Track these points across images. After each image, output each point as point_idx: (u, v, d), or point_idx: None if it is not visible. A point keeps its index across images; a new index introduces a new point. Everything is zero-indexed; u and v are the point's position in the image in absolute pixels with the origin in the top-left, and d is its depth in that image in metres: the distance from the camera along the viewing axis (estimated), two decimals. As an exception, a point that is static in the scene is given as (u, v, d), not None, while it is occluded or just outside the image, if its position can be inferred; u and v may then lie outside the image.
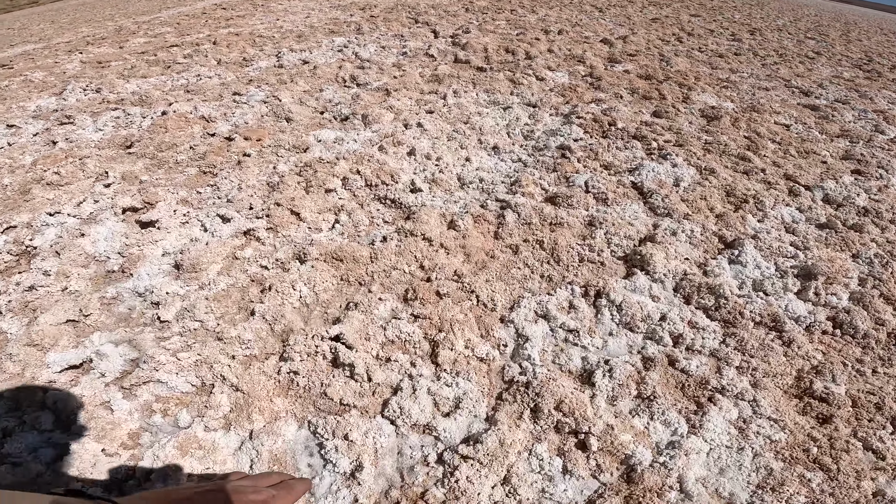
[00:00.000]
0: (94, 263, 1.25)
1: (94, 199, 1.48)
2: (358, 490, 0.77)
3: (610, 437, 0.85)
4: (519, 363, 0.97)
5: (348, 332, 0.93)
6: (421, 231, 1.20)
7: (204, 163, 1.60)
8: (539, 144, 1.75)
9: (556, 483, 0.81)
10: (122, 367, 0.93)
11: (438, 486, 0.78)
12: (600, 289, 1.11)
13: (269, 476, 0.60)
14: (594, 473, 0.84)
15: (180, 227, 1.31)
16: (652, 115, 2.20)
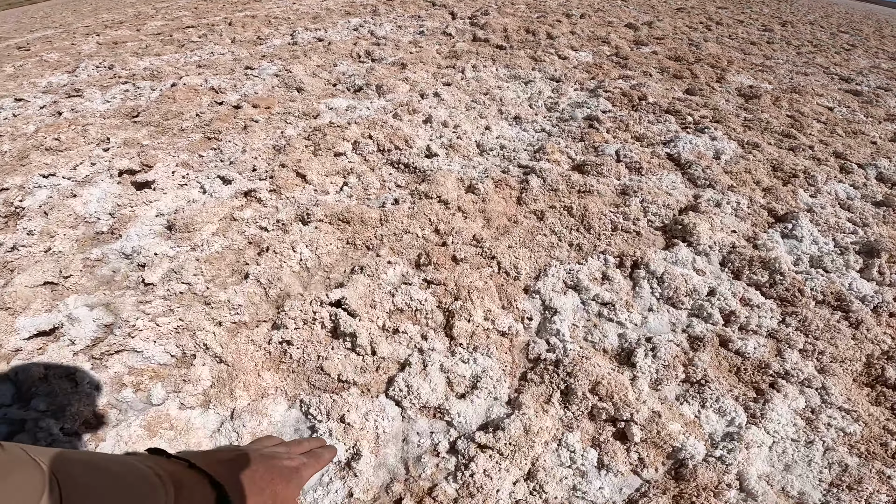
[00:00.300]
0: (84, 224, 1.16)
1: (91, 163, 1.41)
2: (354, 482, 0.66)
3: (656, 426, 0.72)
4: (546, 339, 0.84)
5: (351, 298, 0.81)
6: (437, 193, 1.09)
7: (209, 129, 1.51)
8: (564, 116, 1.62)
9: (589, 479, 0.68)
10: (95, 334, 0.83)
11: (450, 480, 0.66)
12: (637, 259, 0.98)
13: (301, 443, 0.58)
14: (636, 468, 0.71)
15: (178, 189, 1.22)
16: (685, 93, 2.06)
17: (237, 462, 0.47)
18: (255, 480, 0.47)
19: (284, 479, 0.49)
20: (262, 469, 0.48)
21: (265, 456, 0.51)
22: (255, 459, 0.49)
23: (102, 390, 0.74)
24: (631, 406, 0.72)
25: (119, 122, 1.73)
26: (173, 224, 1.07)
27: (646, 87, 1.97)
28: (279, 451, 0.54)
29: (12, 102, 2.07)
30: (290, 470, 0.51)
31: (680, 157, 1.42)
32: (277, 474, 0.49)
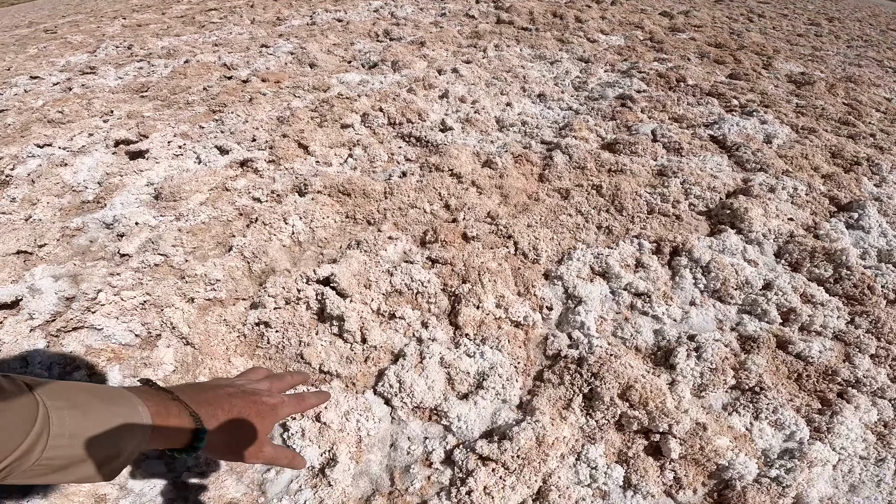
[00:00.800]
0: (70, 193, 1.09)
1: (88, 133, 1.34)
2: (326, 493, 0.55)
3: (699, 440, 0.59)
4: (568, 332, 0.71)
5: (342, 275, 0.70)
6: (449, 166, 0.97)
7: (215, 102, 1.43)
8: (593, 95, 1.48)
9: (612, 501, 0.56)
10: (55, 308, 0.74)
11: (442, 497, 0.55)
12: (678, 245, 0.84)
13: (284, 378, 0.58)
14: (670, 490, 0.58)
15: (172, 159, 1.13)
16: (728, 77, 1.89)
17: (218, 396, 0.49)
18: (232, 414, 0.48)
19: (260, 415, 0.50)
20: (240, 404, 0.49)
21: (246, 392, 0.52)
22: (235, 395, 0.50)
23: (54, 372, 0.65)
24: (669, 416, 0.59)
25: (126, 97, 1.67)
26: (160, 193, 0.99)
27: (684, 69, 1.81)
28: (260, 388, 0.54)
29: (27, 80, 2.05)
30: (268, 407, 0.52)
31: (725, 140, 1.26)
32: (255, 411, 0.50)
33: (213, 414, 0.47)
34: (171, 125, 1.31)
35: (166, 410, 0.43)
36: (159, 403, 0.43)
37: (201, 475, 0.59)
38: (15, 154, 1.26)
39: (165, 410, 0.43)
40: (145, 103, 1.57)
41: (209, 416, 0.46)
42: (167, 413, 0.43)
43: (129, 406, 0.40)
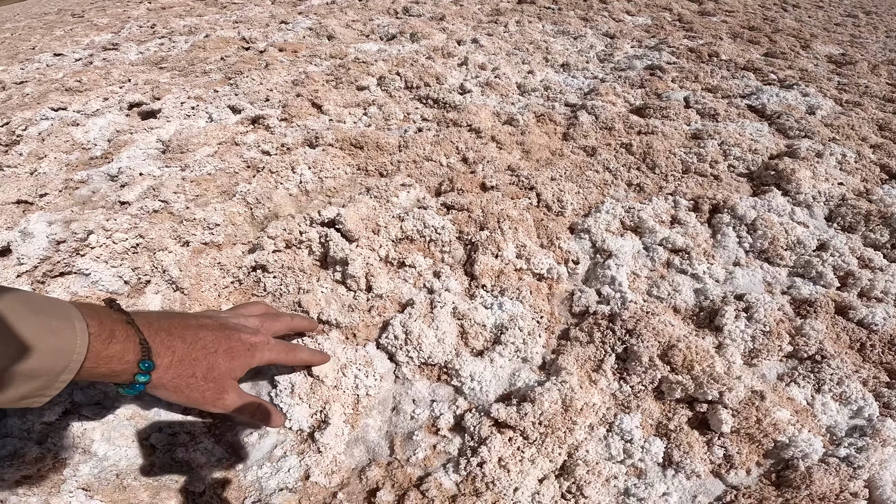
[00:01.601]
0: (79, 151, 1.07)
1: (104, 98, 1.33)
2: (314, 461, 0.49)
3: (756, 411, 0.51)
4: (597, 289, 0.64)
5: (349, 218, 0.65)
6: (467, 122, 0.91)
7: (231, 70, 1.41)
8: (620, 66, 1.41)
9: (650, 481, 0.48)
10: (45, 253, 0.71)
11: (449, 469, 0.48)
12: (718, 203, 0.77)
13: (280, 319, 0.52)
14: (719, 469, 0.50)
15: (184, 119, 1.10)
16: (764, 55, 1.79)
17: (184, 325, 0.42)
18: (195, 348, 0.41)
19: (229, 353, 0.43)
20: (209, 337, 0.42)
21: (224, 325, 0.45)
22: (207, 326, 0.43)
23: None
24: (719, 381, 0.51)
25: (145, 69, 1.67)
26: (168, 146, 0.95)
27: (717, 46, 1.72)
28: (245, 324, 0.47)
29: (50, 57, 2.07)
30: (244, 345, 0.44)
31: (765, 109, 1.18)
32: (225, 347, 0.42)
33: (169, 345, 0.39)
34: (185, 89, 1.29)
35: (110, 333, 0.35)
36: (104, 324, 0.35)
37: (172, 435, 0.52)
38: (29, 117, 1.25)
39: (109, 333, 0.35)
40: (163, 73, 1.56)
41: (163, 348, 0.39)
42: (110, 336, 0.35)
43: (63, 320, 0.32)
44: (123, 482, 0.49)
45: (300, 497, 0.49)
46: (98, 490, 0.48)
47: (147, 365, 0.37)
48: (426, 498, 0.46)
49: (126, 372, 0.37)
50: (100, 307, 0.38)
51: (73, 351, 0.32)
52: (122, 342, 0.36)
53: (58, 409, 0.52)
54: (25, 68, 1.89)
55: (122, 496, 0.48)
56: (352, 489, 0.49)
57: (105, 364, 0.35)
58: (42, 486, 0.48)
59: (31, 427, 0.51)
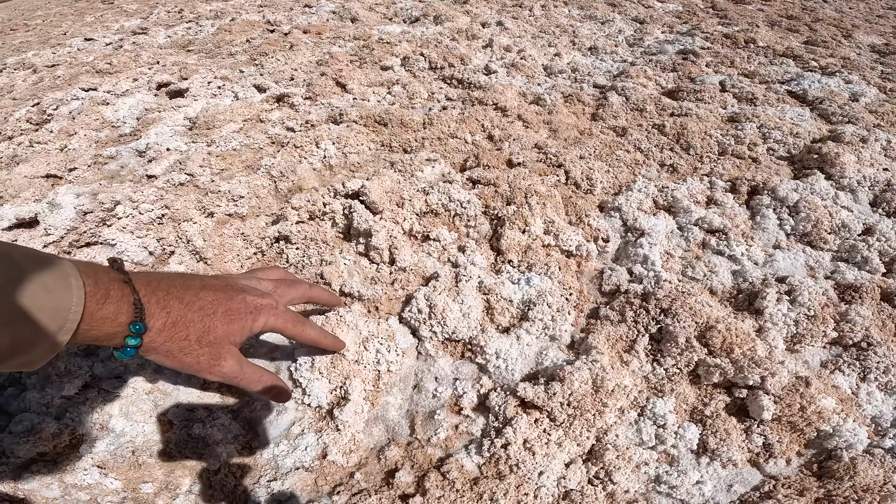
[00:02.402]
0: (109, 128, 1.08)
1: (133, 79, 1.35)
2: (332, 439, 0.48)
3: (799, 398, 0.49)
4: (628, 267, 0.62)
5: (373, 190, 0.64)
6: (493, 100, 0.89)
7: (256, 51, 1.41)
8: (651, 50, 1.36)
9: (683, 468, 0.46)
10: (71, 223, 0.71)
11: (471, 451, 0.47)
12: (758, 184, 0.73)
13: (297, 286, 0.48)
14: (757, 458, 0.48)
15: (210, 98, 1.11)
16: (804, 44, 1.71)
17: (184, 286, 0.39)
18: (191, 309, 0.38)
19: (228, 315, 0.39)
20: (209, 298, 0.39)
21: (231, 287, 0.42)
22: (211, 287, 0.40)
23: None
24: (761, 366, 0.49)
25: (173, 51, 1.69)
26: (195, 122, 0.96)
27: (753, 32, 1.65)
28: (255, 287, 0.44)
29: (81, 41, 2.12)
30: (247, 308, 0.41)
31: (806, 95, 1.12)
32: (224, 308, 0.39)
33: (165, 305, 0.37)
34: (212, 70, 1.30)
35: (105, 293, 0.33)
36: (100, 283, 0.33)
37: (190, 410, 0.52)
38: (60, 98, 1.28)
39: (104, 293, 0.33)
40: (190, 56, 1.58)
41: (158, 308, 0.36)
42: (105, 296, 0.33)
43: (58, 277, 0.30)
44: (139, 459, 0.48)
45: (316, 476, 0.48)
46: (113, 467, 0.47)
47: (138, 327, 0.35)
48: (447, 479, 0.44)
49: (118, 335, 0.34)
50: (98, 266, 0.36)
51: (68, 310, 0.30)
52: (116, 303, 0.34)
53: (77, 383, 0.52)
54: (57, 52, 1.94)
55: (136, 474, 0.47)
56: (370, 469, 0.48)
57: (98, 326, 0.33)
58: (57, 463, 0.47)
59: (50, 401, 0.51)
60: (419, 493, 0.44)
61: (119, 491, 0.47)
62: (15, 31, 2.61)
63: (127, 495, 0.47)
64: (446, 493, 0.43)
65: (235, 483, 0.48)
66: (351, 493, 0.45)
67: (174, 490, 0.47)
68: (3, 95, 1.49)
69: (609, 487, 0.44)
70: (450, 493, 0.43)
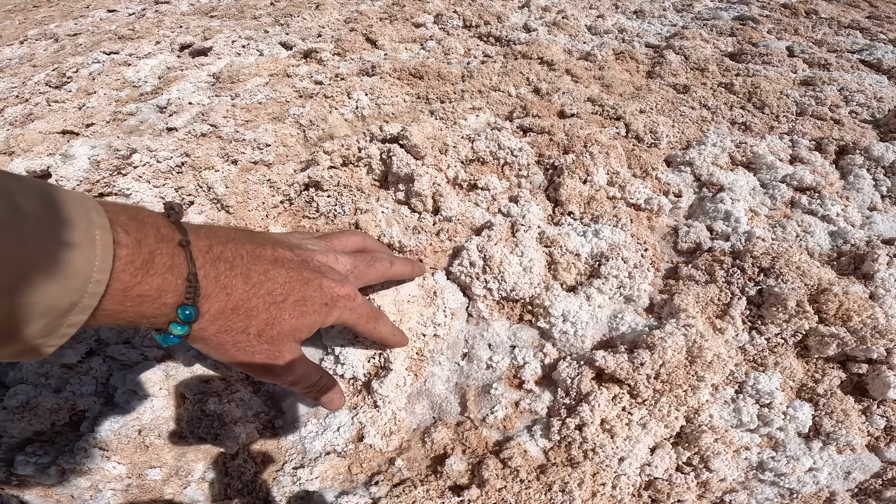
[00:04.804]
0: (129, 88, 1.04)
1: (155, 42, 1.30)
2: (369, 418, 0.41)
3: None
4: (707, 224, 0.54)
5: (415, 134, 0.57)
6: (538, 54, 0.81)
7: (281, 13, 1.36)
8: (703, 16, 1.26)
9: (792, 453, 0.38)
10: (85, 174, 0.66)
11: (536, 433, 0.39)
12: (847, 144, 0.64)
13: (377, 264, 0.40)
14: (877, 443, 0.40)
15: (234, 56, 1.05)
16: (867, 18, 1.58)
17: (255, 257, 0.31)
18: (257, 293, 0.30)
19: (301, 306, 0.31)
20: (281, 279, 0.31)
21: (307, 264, 0.33)
22: (286, 262, 0.32)
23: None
24: (885, 336, 0.40)
25: (196, 17, 1.64)
26: (218, 77, 0.90)
27: (815, 4, 1.53)
28: (335, 267, 0.36)
29: (104, 12, 2.09)
30: (323, 299, 0.33)
31: (881, 64, 1.01)
32: (297, 297, 0.31)
33: (226, 285, 0.28)
34: (236, 31, 1.25)
35: (148, 259, 0.24)
36: (144, 243, 0.24)
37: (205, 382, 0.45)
38: (80, 62, 1.24)
39: (147, 259, 0.24)
40: (213, 20, 1.53)
41: (217, 288, 0.28)
42: (147, 264, 0.24)
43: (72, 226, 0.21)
44: (146, 440, 0.42)
45: (350, 463, 0.41)
46: (116, 449, 0.41)
47: (188, 313, 0.27)
48: (508, 468, 0.37)
49: (159, 318, 0.26)
50: (145, 213, 0.26)
51: (87, 278, 0.21)
52: (163, 274, 0.25)
53: (81, 349, 0.46)
54: (79, 23, 1.91)
55: (143, 457, 0.41)
56: (413, 455, 0.40)
57: (134, 306, 0.24)
58: (56, 443, 0.41)
59: (49, 371, 0.45)
60: (474, 483, 0.37)
61: (123, 477, 0.41)
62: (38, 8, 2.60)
63: (132, 482, 0.41)
64: (508, 484, 0.36)
65: (256, 470, 0.41)
66: (392, 484, 0.38)
67: (185, 477, 0.41)
68: (23, 63, 1.46)
69: (703, 476, 0.36)
70: (512, 483, 0.36)
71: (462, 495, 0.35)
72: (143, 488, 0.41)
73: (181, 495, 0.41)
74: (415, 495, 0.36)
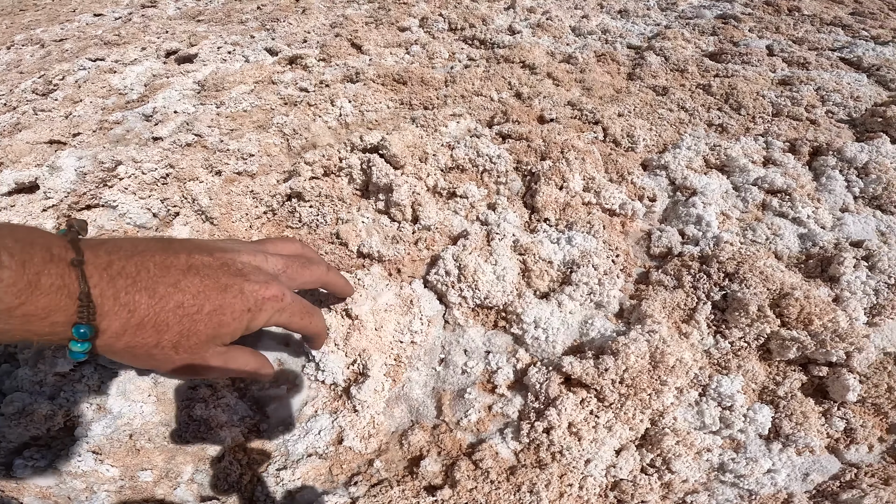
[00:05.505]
0: (116, 95, 1.04)
1: (141, 48, 1.30)
2: (348, 422, 0.43)
3: (887, 377, 0.42)
4: (679, 228, 0.55)
5: (394, 143, 0.58)
6: (520, 58, 0.82)
7: (267, 18, 1.36)
8: (686, 14, 1.27)
9: (752, 455, 0.40)
10: (72, 186, 0.66)
11: (507, 436, 0.41)
12: (821, 145, 0.65)
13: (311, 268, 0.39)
14: (836, 444, 0.41)
15: (220, 63, 1.06)
16: (851, 14, 1.59)
17: (164, 268, 0.29)
18: (165, 307, 0.29)
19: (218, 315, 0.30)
20: (194, 289, 0.30)
21: (227, 268, 0.31)
22: (201, 269, 0.31)
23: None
24: (846, 340, 0.42)
25: (182, 22, 1.64)
26: (203, 85, 0.91)
27: (798, 1, 1.54)
28: (263, 268, 0.34)
29: (90, 17, 2.08)
30: (245, 304, 0.31)
31: (861, 62, 1.03)
32: (213, 306, 0.30)
33: (128, 302, 0.28)
34: (222, 36, 1.25)
35: (32, 281, 0.24)
36: (29, 265, 0.24)
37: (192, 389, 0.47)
38: (66, 69, 1.24)
39: (31, 281, 0.24)
40: (200, 25, 1.53)
41: (118, 306, 0.27)
42: (32, 285, 0.24)
43: None
44: (137, 444, 0.44)
45: (331, 464, 0.43)
46: (109, 453, 0.43)
47: (83, 331, 0.26)
48: (479, 469, 0.39)
49: (54, 335, 0.26)
50: (37, 234, 0.27)
51: None
52: (50, 294, 0.25)
53: None
54: (65, 28, 1.90)
55: (134, 460, 0.43)
56: (391, 456, 0.42)
57: (22, 325, 0.25)
58: (51, 447, 0.43)
59: (43, 379, 0.46)
60: (447, 484, 0.39)
61: (116, 479, 0.42)
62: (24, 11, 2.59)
63: (125, 483, 0.42)
64: (479, 485, 0.37)
65: (241, 471, 0.43)
66: (370, 484, 0.40)
67: (175, 478, 0.43)
68: (10, 70, 1.45)
69: (666, 477, 0.38)
70: (483, 484, 0.38)
71: (436, 495, 0.37)
72: (135, 489, 0.43)
73: (171, 496, 0.43)
74: (391, 495, 0.37)
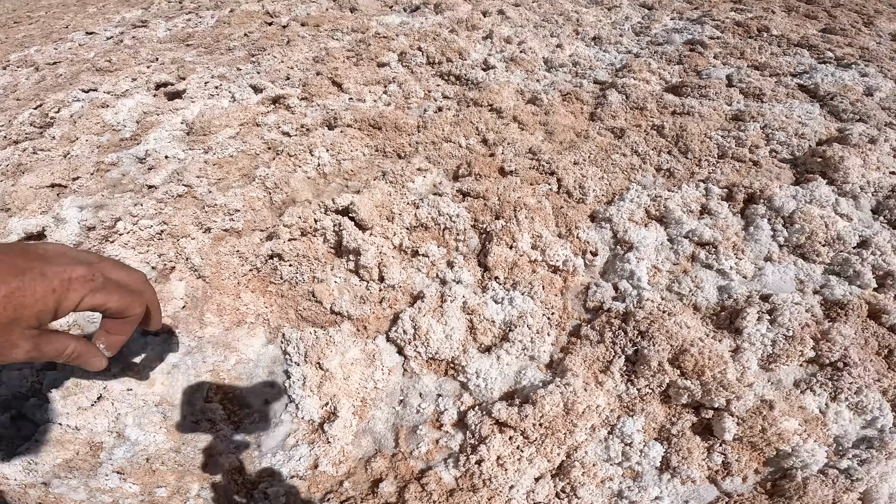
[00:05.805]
0: (110, 132, 1.10)
1: (132, 79, 1.35)
2: (323, 451, 0.52)
3: (762, 420, 0.50)
4: (614, 283, 0.62)
5: (363, 205, 0.64)
6: (488, 101, 0.88)
7: (254, 46, 1.41)
8: (657, 40, 1.32)
9: (644, 484, 0.48)
10: (77, 238, 0.74)
11: (449, 464, 0.50)
12: (755, 192, 0.72)
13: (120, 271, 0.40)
14: (715, 475, 0.49)
15: (207, 99, 1.11)
16: (821, 31, 1.63)
17: None
18: None
19: (17, 298, 0.31)
20: None
21: (26, 254, 0.32)
22: None
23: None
24: (729, 389, 0.49)
25: (172, 46, 1.68)
26: (192, 128, 0.97)
27: (768, 20, 1.59)
28: (74, 255, 0.35)
29: (83, 35, 2.12)
30: (49, 285, 0.32)
31: (817, 89, 1.08)
32: (8, 290, 0.30)
33: None
34: (209, 68, 1.30)
35: None
36: None
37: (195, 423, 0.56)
38: (61, 99, 1.29)
39: None
40: (189, 51, 1.57)
41: None
42: None
43: None
44: (153, 466, 0.53)
45: (309, 484, 0.51)
46: (130, 473, 0.52)
47: None
48: (425, 491, 0.47)
49: None
50: None
51: None
52: None
53: (92, 395, 0.56)
54: (58, 48, 1.94)
55: (151, 479, 0.52)
56: (357, 479, 0.51)
57: None
58: (81, 468, 0.52)
59: (70, 412, 0.54)
60: (400, 502, 0.47)
61: (137, 494, 0.51)
62: (18, 24, 2.62)
63: (144, 498, 0.51)
64: None
65: (237, 489, 0.52)
66: (340, 501, 0.49)
67: (184, 494, 0.52)
68: (7, 96, 1.51)
69: (574, 502, 0.45)
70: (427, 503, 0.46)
71: (390, 512, 0.45)
72: (153, 503, 0.52)
73: (183, 508, 0.52)
74: (356, 510, 0.46)
